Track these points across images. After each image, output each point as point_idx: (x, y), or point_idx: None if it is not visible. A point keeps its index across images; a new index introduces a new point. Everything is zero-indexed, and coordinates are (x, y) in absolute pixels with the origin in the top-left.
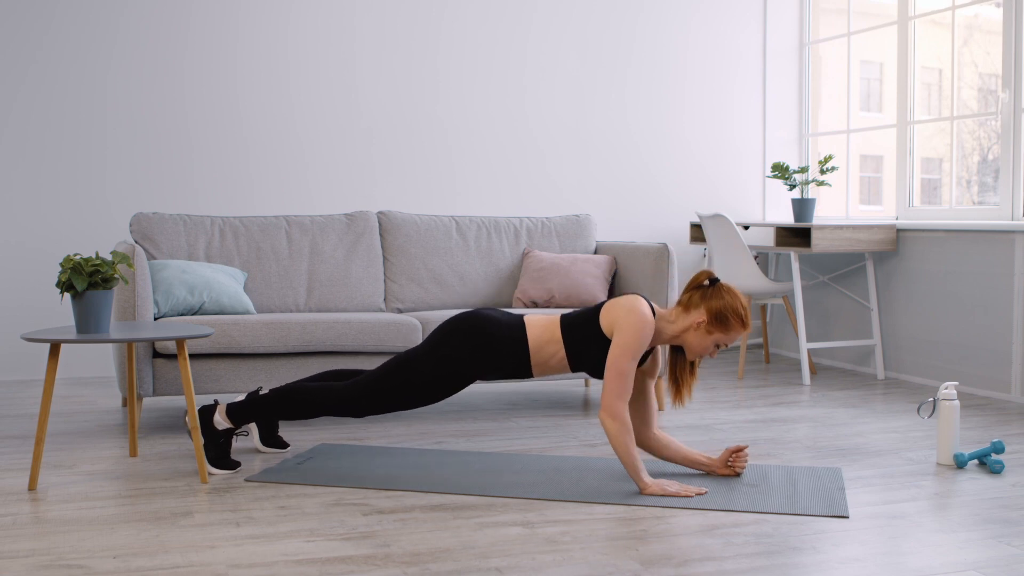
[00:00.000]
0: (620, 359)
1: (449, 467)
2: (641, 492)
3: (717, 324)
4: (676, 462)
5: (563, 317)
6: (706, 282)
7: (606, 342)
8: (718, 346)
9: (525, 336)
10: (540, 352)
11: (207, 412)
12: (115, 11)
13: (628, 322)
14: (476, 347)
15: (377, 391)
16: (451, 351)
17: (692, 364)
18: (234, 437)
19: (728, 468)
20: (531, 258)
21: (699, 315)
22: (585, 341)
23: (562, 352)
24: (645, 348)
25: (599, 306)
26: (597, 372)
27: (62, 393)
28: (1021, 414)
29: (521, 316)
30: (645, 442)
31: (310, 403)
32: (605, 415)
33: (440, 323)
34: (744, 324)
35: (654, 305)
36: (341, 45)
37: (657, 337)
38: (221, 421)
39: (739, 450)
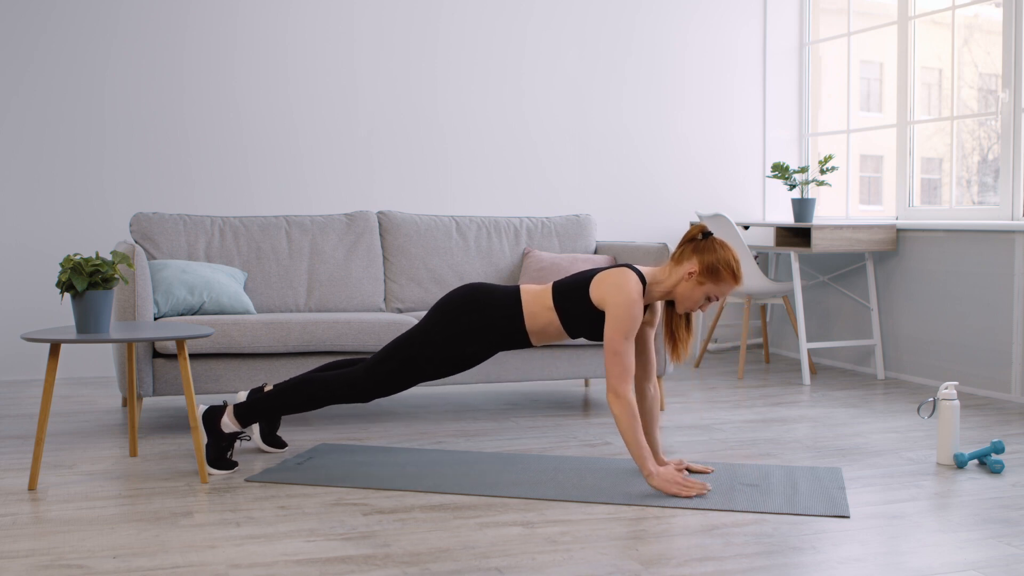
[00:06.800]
0: (613, 341)
1: (449, 467)
2: (646, 480)
3: (708, 275)
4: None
5: (555, 285)
6: (699, 236)
7: (598, 314)
8: (709, 299)
9: (520, 305)
10: (535, 320)
11: (215, 413)
12: (113, 11)
13: (616, 302)
14: (473, 319)
15: (381, 373)
16: (449, 325)
17: (688, 320)
18: (237, 440)
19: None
20: (531, 258)
21: (691, 266)
22: (577, 312)
23: (557, 321)
24: (637, 325)
25: (590, 277)
26: (594, 338)
27: (62, 393)
28: (1021, 414)
29: (517, 286)
30: (636, 391)
31: (316, 393)
32: (611, 396)
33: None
34: (735, 277)
35: (643, 271)
36: (340, 45)
37: (649, 295)
38: (230, 424)
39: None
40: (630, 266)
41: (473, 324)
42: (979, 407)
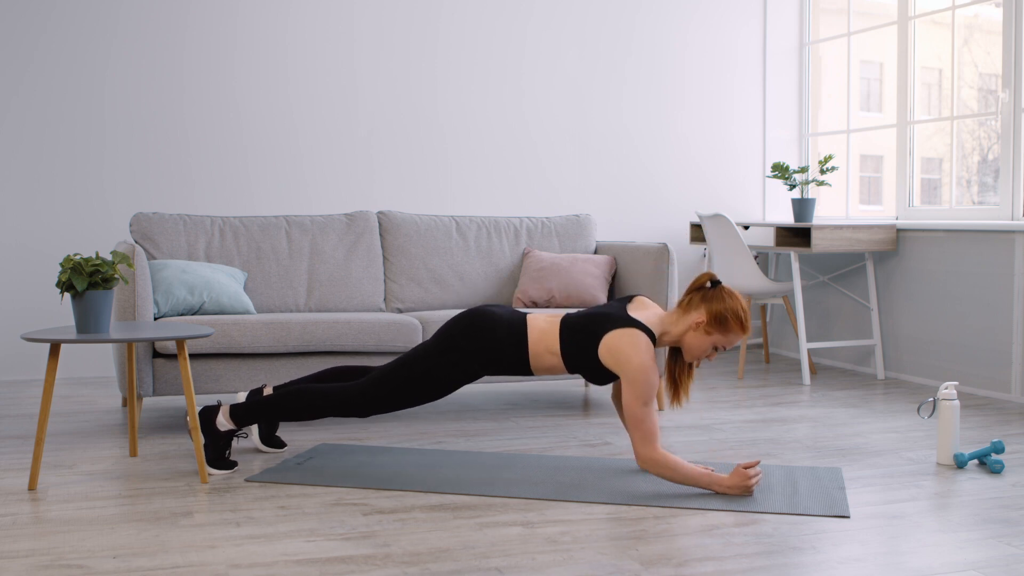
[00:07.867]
0: (632, 408)
1: (449, 467)
2: (724, 493)
3: (716, 325)
4: None
5: (564, 325)
6: (708, 284)
7: (605, 370)
8: (716, 348)
9: (526, 339)
10: (539, 360)
11: (210, 413)
12: (113, 11)
13: (631, 371)
14: (478, 346)
15: (381, 391)
16: (453, 350)
17: (690, 366)
18: (234, 438)
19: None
20: (531, 258)
21: (699, 315)
22: (582, 361)
23: (561, 364)
24: (655, 389)
25: (600, 332)
26: (594, 381)
27: (62, 393)
28: (1021, 414)
29: (524, 316)
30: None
31: (314, 405)
32: (640, 462)
33: (444, 322)
34: (743, 328)
35: (651, 322)
36: (340, 45)
37: (659, 344)
38: (224, 423)
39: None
40: (637, 323)
41: (478, 350)
42: (979, 407)
